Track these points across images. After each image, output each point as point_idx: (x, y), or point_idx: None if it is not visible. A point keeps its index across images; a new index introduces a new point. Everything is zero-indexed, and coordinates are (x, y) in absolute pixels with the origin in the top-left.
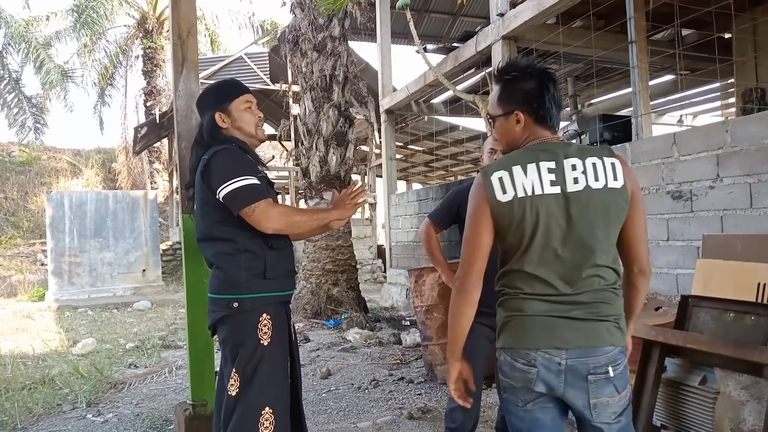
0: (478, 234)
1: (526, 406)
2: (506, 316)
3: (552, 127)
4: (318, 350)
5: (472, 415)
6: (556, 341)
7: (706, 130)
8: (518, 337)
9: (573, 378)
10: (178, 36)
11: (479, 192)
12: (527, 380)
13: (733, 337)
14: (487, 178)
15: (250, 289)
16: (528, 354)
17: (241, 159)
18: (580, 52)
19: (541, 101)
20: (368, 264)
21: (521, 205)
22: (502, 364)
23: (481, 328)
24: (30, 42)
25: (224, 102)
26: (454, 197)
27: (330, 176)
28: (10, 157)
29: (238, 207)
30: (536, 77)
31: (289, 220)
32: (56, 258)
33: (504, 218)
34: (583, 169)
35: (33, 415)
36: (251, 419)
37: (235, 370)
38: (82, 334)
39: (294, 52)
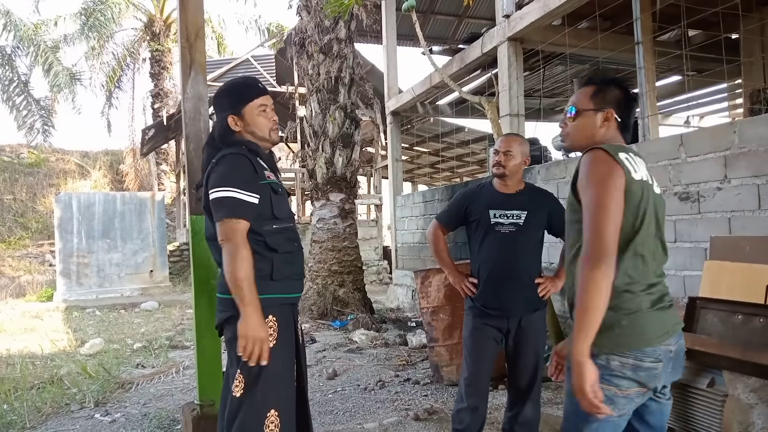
0: (618, 204)
1: (621, 416)
2: (619, 315)
3: (627, 140)
4: (324, 351)
5: (479, 416)
6: (669, 330)
7: (714, 131)
8: (641, 336)
9: (676, 360)
10: (186, 39)
11: (614, 166)
12: (652, 378)
13: (742, 339)
14: (617, 156)
15: (258, 290)
16: (654, 351)
17: (243, 168)
18: (586, 53)
19: (629, 111)
20: (374, 265)
21: (645, 189)
22: (615, 368)
23: (487, 329)
24: (39, 45)
25: (239, 105)
26: (461, 199)
27: (336, 178)
28: (19, 158)
29: (217, 215)
30: (626, 92)
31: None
32: (64, 259)
33: (636, 196)
34: (653, 178)
35: (42, 414)
36: (256, 421)
37: (239, 371)
38: (90, 334)
39: (300, 54)
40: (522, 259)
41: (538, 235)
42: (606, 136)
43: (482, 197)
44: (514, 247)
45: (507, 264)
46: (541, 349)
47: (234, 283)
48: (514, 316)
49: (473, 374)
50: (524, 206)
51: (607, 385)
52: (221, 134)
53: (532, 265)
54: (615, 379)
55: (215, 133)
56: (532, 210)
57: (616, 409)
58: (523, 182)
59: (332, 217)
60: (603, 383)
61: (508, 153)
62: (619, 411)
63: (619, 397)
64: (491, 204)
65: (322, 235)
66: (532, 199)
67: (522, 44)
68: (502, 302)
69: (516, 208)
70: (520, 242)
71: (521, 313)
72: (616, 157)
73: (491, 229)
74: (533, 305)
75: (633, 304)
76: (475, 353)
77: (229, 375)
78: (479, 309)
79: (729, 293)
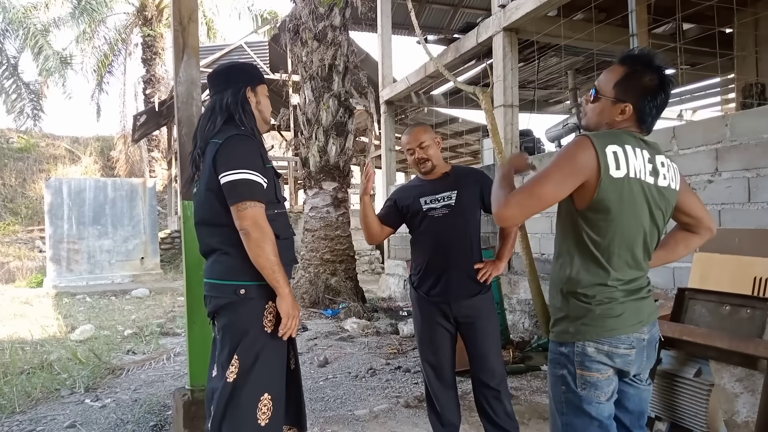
0: (557, 189)
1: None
2: (592, 306)
3: (647, 130)
4: (315, 339)
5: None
6: (642, 320)
7: (706, 124)
8: (617, 325)
9: (649, 348)
10: (179, 22)
11: (589, 158)
12: (627, 363)
13: (729, 329)
14: (602, 149)
15: (258, 276)
16: (628, 338)
17: (254, 150)
18: (581, 44)
19: (652, 104)
20: (366, 255)
21: (630, 186)
22: (592, 354)
23: (434, 316)
24: (28, 28)
25: (254, 81)
26: (392, 197)
27: (329, 166)
28: (8, 143)
29: (234, 199)
30: (658, 82)
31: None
32: (55, 245)
33: (611, 194)
34: (667, 168)
35: (32, 399)
36: (250, 405)
37: (237, 356)
38: (80, 320)
39: (294, 41)
40: (459, 240)
41: (475, 215)
42: (621, 125)
43: (411, 189)
44: (450, 229)
45: (445, 247)
46: (494, 333)
47: (270, 267)
48: (456, 300)
49: (435, 364)
50: (453, 186)
51: (588, 372)
52: (241, 103)
53: (472, 246)
54: (594, 364)
55: (230, 102)
56: (462, 188)
57: (602, 393)
58: (448, 164)
59: (325, 206)
60: (584, 370)
61: (423, 144)
62: (605, 395)
63: (602, 381)
64: (421, 193)
65: (315, 223)
66: (460, 178)
67: (517, 35)
68: (444, 287)
69: (446, 190)
70: (455, 223)
71: (463, 296)
72: (601, 154)
73: (425, 216)
74: (475, 289)
75: (605, 295)
76: (430, 343)
77: (220, 362)
78: (423, 297)
79: (717, 285)
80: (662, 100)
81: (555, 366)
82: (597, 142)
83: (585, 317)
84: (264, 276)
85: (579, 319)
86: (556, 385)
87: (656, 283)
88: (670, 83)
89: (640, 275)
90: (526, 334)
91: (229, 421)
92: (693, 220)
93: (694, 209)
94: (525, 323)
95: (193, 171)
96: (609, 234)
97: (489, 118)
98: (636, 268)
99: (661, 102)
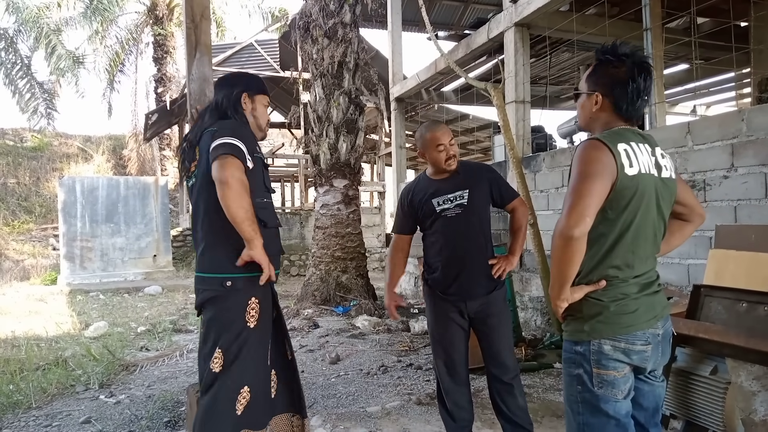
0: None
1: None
2: (606, 302)
3: (629, 118)
4: (327, 336)
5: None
6: (657, 315)
7: (722, 119)
8: (632, 321)
9: (664, 343)
10: (192, 19)
11: (607, 158)
12: (643, 360)
13: (746, 327)
14: (615, 148)
15: (244, 269)
16: (644, 334)
17: (247, 132)
18: (593, 39)
19: (623, 91)
20: (377, 252)
21: (643, 182)
22: (608, 352)
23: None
24: (42, 28)
25: (253, 89)
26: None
27: (340, 164)
28: (22, 142)
29: (217, 152)
30: (628, 67)
31: (238, 192)
32: (68, 242)
33: (626, 193)
34: (666, 160)
35: (47, 395)
36: (229, 396)
37: (220, 348)
38: (93, 317)
39: (305, 38)
40: (474, 239)
41: (487, 212)
42: (605, 119)
43: (421, 190)
44: (464, 228)
45: (460, 247)
46: (507, 329)
47: (244, 217)
48: (472, 298)
49: (448, 360)
50: (464, 185)
51: (605, 371)
52: (234, 103)
53: (486, 243)
54: (610, 362)
55: (224, 101)
56: (473, 186)
57: (619, 391)
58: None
59: (336, 203)
60: (601, 369)
61: (452, 141)
62: (622, 392)
63: (619, 379)
64: (433, 193)
65: (326, 221)
66: (470, 176)
67: (529, 30)
68: (461, 286)
69: (457, 189)
70: (470, 222)
71: (480, 294)
72: (613, 149)
73: (438, 216)
74: (490, 286)
75: (620, 291)
76: (444, 340)
77: (202, 355)
78: (437, 295)
79: (733, 281)
80: (634, 88)
81: (570, 365)
82: (608, 141)
83: (600, 315)
84: (238, 227)
85: (594, 317)
86: (572, 384)
87: (670, 279)
88: (640, 70)
89: (650, 269)
90: (538, 332)
91: (206, 409)
92: (686, 209)
93: (686, 197)
94: (537, 321)
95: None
96: (623, 230)
97: (501, 114)
98: (646, 262)
99: (634, 89)
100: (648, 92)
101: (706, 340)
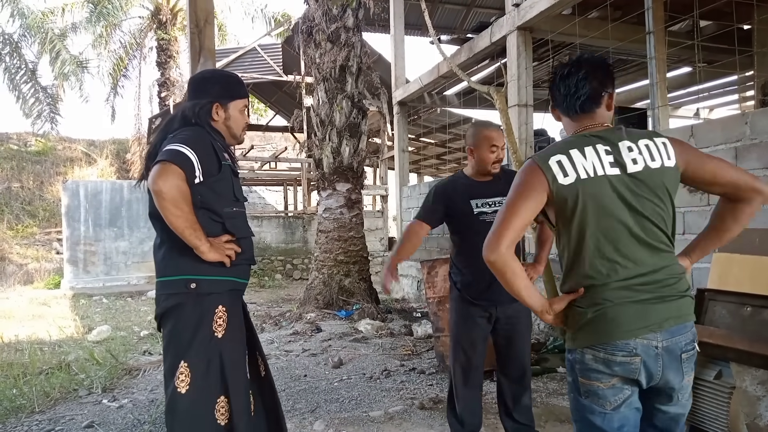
0: (520, 212)
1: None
2: (585, 309)
3: (585, 112)
4: (330, 340)
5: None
6: (651, 324)
7: (725, 122)
8: (610, 330)
9: (669, 359)
10: (195, 24)
11: (535, 176)
12: (630, 372)
13: (750, 331)
14: (545, 164)
15: (209, 270)
16: (627, 344)
17: (204, 140)
18: (596, 43)
19: (557, 98)
20: (379, 256)
21: (584, 187)
22: (589, 363)
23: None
24: (46, 32)
25: (226, 97)
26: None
27: (343, 167)
28: (26, 146)
29: (159, 158)
30: (554, 73)
31: (173, 201)
32: (72, 246)
33: (568, 202)
34: (639, 151)
35: (50, 399)
36: (206, 409)
37: (186, 363)
38: (97, 321)
39: (308, 42)
40: None
41: None
42: (565, 126)
43: (459, 189)
44: None
45: None
46: (529, 335)
47: (191, 237)
48: (502, 304)
49: (467, 363)
50: (504, 191)
51: (588, 380)
52: (202, 115)
53: (520, 251)
54: (592, 373)
55: (193, 112)
56: None
57: (607, 402)
58: None
59: (338, 207)
60: (585, 378)
61: (502, 147)
62: (611, 404)
63: (605, 390)
64: (471, 194)
65: (329, 224)
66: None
67: (531, 33)
68: (494, 293)
69: (497, 195)
70: None
71: (507, 301)
72: (545, 169)
73: (475, 219)
74: None
75: (599, 297)
76: (466, 342)
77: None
78: (466, 298)
79: (737, 285)
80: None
81: (567, 372)
82: (539, 158)
83: (580, 322)
84: (180, 237)
85: (576, 325)
86: (569, 391)
87: None
88: (557, 68)
89: (650, 270)
90: (541, 336)
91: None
92: (725, 188)
93: (719, 174)
94: (540, 325)
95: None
96: (579, 238)
97: (503, 118)
98: (633, 265)
99: (559, 84)
100: (574, 81)
101: (711, 345)
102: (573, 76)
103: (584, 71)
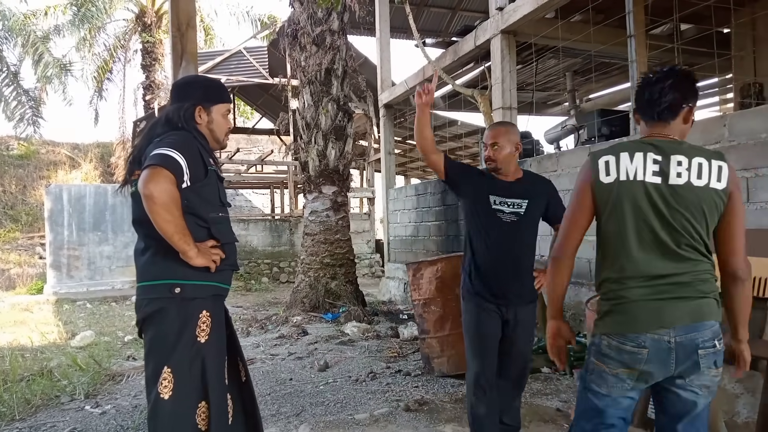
0: (577, 211)
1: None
2: (608, 302)
3: (662, 120)
4: (316, 343)
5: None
6: (663, 322)
7: (704, 124)
8: (625, 322)
9: (684, 354)
10: (177, 28)
11: (585, 173)
12: (636, 361)
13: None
14: (595, 162)
15: (193, 275)
16: (638, 337)
17: (192, 145)
18: (578, 46)
19: (640, 102)
20: (366, 258)
21: (620, 187)
22: (604, 348)
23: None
24: (29, 35)
25: (209, 101)
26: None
27: (329, 170)
28: (8, 150)
29: (146, 163)
30: (642, 81)
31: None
32: (55, 251)
33: (604, 199)
34: (688, 167)
35: (31, 406)
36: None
37: (169, 368)
38: (80, 326)
39: (293, 45)
40: (523, 249)
41: (537, 224)
42: (644, 132)
43: (484, 180)
44: (516, 237)
45: (508, 254)
46: (531, 341)
47: (179, 242)
48: (512, 306)
49: (484, 365)
50: (525, 195)
51: (598, 362)
52: (186, 118)
53: (531, 255)
54: (603, 357)
55: (177, 115)
56: (533, 198)
57: (605, 385)
58: (520, 170)
59: (325, 210)
60: (597, 360)
61: (496, 145)
62: (608, 387)
63: (608, 375)
64: (492, 189)
65: (315, 227)
66: (532, 187)
67: (515, 37)
68: (504, 292)
69: (517, 197)
70: (521, 232)
71: (519, 303)
72: (593, 166)
73: (492, 216)
74: (529, 297)
75: (618, 294)
76: (483, 342)
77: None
78: (480, 298)
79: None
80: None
81: (586, 353)
82: (594, 156)
83: (603, 312)
84: (169, 241)
85: (600, 314)
86: (582, 369)
87: None
88: (645, 76)
89: (663, 274)
90: None
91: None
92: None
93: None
94: None
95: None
96: (607, 236)
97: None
98: (654, 268)
99: (645, 92)
100: (659, 88)
101: None
102: (659, 84)
103: (671, 81)
